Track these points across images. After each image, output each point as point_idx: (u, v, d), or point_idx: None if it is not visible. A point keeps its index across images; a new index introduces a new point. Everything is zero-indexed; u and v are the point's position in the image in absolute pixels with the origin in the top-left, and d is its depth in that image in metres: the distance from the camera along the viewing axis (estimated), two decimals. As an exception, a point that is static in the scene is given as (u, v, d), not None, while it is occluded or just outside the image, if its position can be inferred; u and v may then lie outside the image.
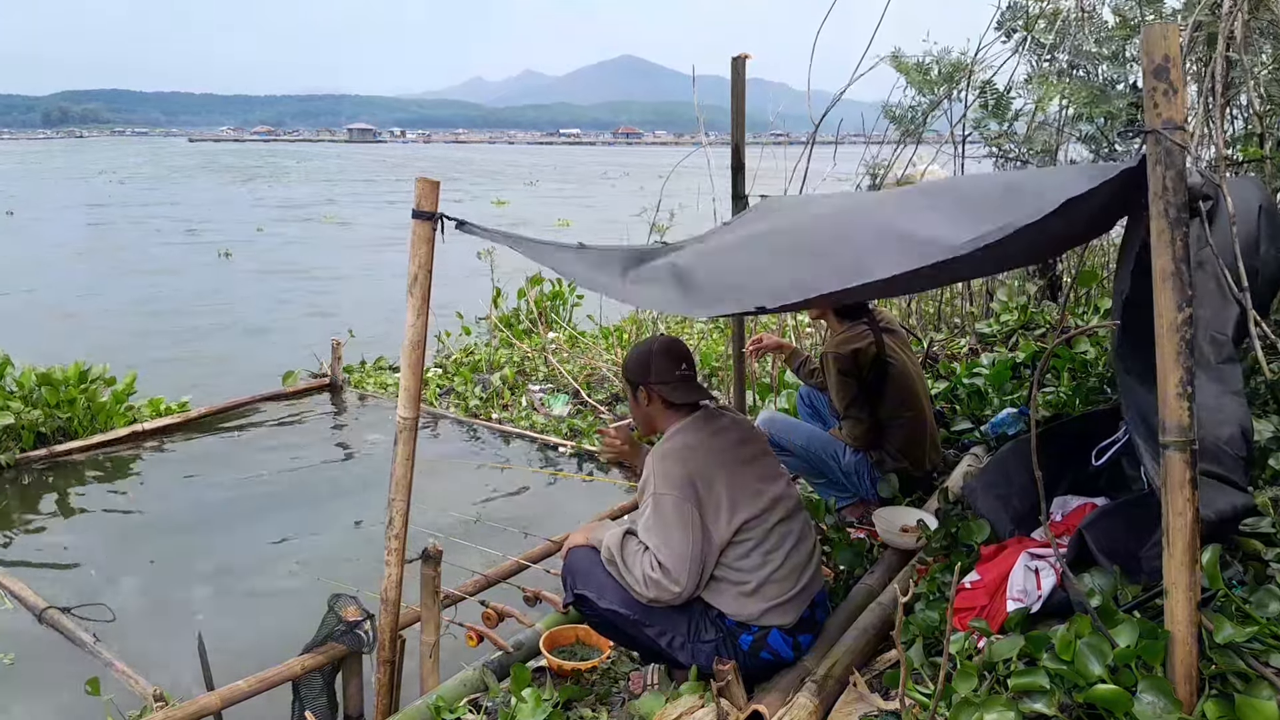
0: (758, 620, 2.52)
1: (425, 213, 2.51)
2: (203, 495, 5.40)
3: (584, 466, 5.81)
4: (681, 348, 2.74)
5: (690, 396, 2.68)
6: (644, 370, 2.70)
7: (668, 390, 2.67)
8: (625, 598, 2.52)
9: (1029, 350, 5.29)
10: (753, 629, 2.53)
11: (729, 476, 2.54)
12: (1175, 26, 1.89)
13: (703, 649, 2.53)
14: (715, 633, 2.53)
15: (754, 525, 2.52)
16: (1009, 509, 3.11)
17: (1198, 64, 4.39)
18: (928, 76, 5.80)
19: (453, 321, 8.95)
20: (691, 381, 2.70)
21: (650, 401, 2.71)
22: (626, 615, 2.53)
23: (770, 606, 2.52)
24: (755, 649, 2.54)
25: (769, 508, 2.57)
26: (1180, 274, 1.85)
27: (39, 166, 57.26)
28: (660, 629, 2.53)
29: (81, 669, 3.35)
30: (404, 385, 2.65)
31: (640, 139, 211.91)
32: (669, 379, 2.67)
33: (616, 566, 2.51)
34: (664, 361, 2.68)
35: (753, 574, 2.51)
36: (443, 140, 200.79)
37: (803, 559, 2.61)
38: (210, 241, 19.48)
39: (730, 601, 2.52)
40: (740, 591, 2.51)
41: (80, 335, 10.09)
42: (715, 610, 2.54)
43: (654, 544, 2.44)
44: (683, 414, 2.67)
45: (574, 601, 2.65)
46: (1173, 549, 1.90)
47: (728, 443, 2.63)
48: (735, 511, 2.50)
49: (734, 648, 2.53)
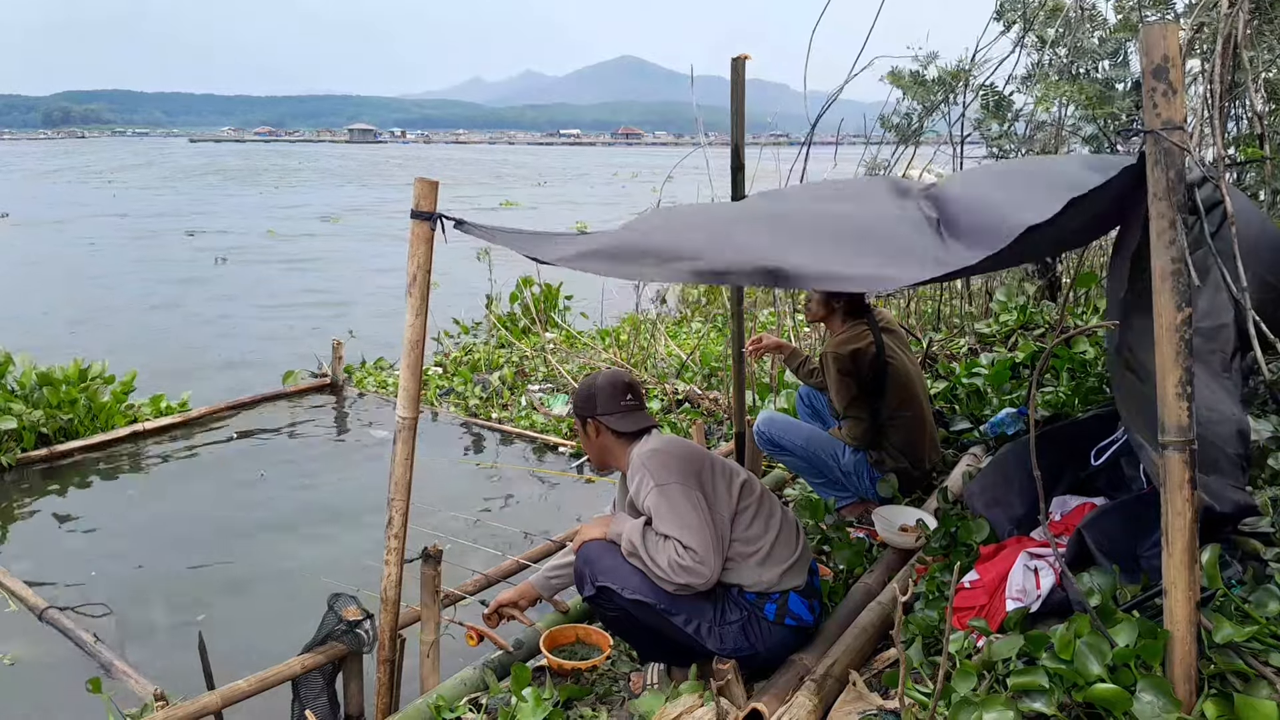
0: (777, 586, 2.61)
1: (424, 213, 2.52)
2: (203, 495, 5.40)
3: (583, 467, 5.81)
4: (627, 379, 2.83)
5: (638, 424, 2.76)
6: (590, 404, 2.79)
7: (614, 421, 2.75)
8: (650, 587, 2.54)
9: (1028, 350, 5.29)
10: (774, 596, 2.60)
11: (708, 454, 2.73)
12: (1174, 27, 1.89)
13: (730, 630, 2.57)
14: (739, 611, 2.59)
15: (748, 492, 2.67)
16: (1008, 509, 3.11)
17: (1203, 62, 4.39)
18: (924, 85, 5.81)
19: (452, 322, 8.97)
20: (638, 410, 2.79)
21: (599, 434, 2.79)
22: (652, 605, 2.55)
23: (786, 568, 2.62)
24: (780, 616, 2.61)
25: (749, 478, 2.74)
26: (1179, 274, 1.85)
27: (39, 166, 57.23)
28: (687, 616, 2.56)
29: (82, 669, 3.35)
30: (403, 385, 2.66)
31: (640, 139, 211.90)
32: (614, 409, 2.75)
33: (640, 559, 2.53)
34: (609, 394, 2.77)
35: (762, 539, 2.62)
36: (443, 141, 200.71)
37: (792, 523, 2.75)
38: (212, 242, 19.48)
39: (749, 573, 2.59)
40: (756, 560, 2.60)
41: (82, 336, 10.11)
42: (735, 587, 2.61)
43: (675, 532, 2.47)
44: (634, 441, 2.76)
45: (595, 595, 2.63)
46: (1172, 548, 1.90)
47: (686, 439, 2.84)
48: (730, 480, 2.66)
49: (759, 621, 2.59)
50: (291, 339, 10.05)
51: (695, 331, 8.35)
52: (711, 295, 9.63)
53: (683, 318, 9.30)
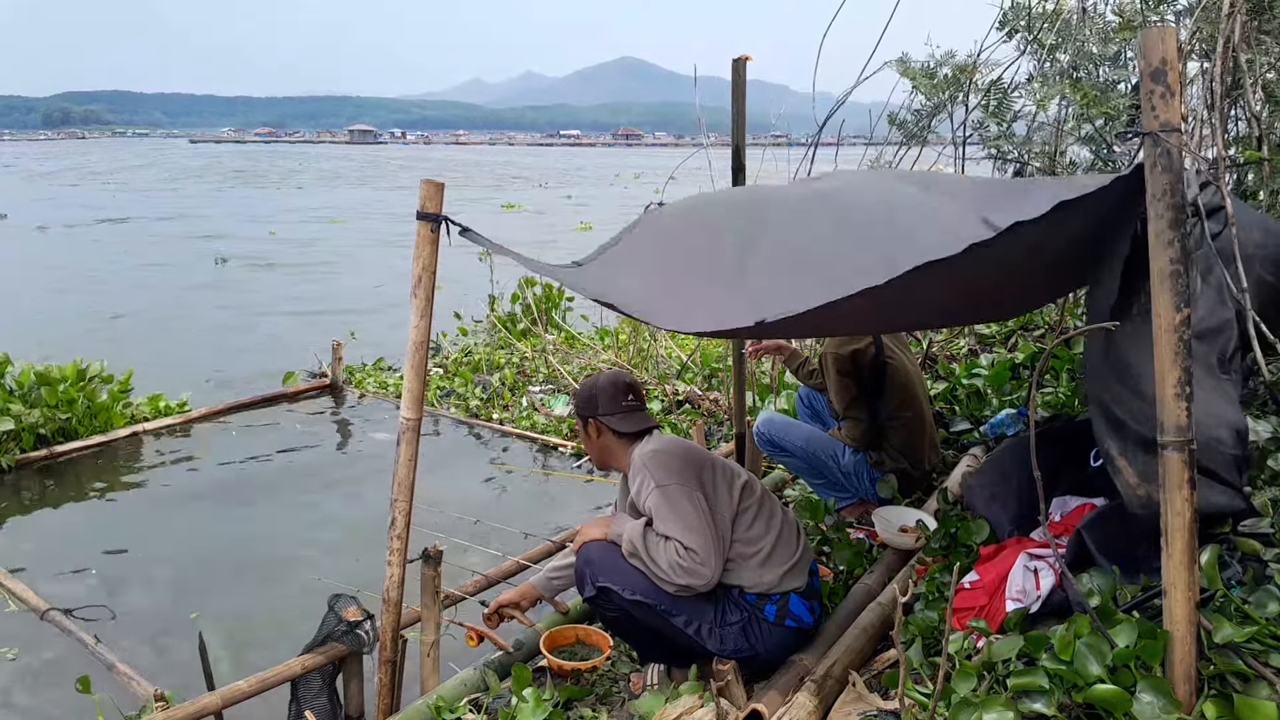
0: (778, 587, 2.60)
1: (429, 215, 2.52)
2: (203, 496, 5.41)
3: (584, 467, 5.81)
4: (628, 380, 2.84)
5: (638, 425, 2.77)
6: (591, 405, 2.80)
7: (616, 421, 2.76)
8: (651, 588, 2.54)
9: (1028, 351, 5.30)
10: (774, 597, 2.60)
11: (709, 456, 2.73)
12: (1173, 29, 1.89)
13: (730, 631, 2.57)
14: (740, 613, 2.59)
15: (749, 493, 2.67)
16: (1007, 509, 3.11)
17: (1202, 64, 4.39)
18: (934, 81, 5.79)
19: (452, 322, 8.97)
20: (639, 411, 2.80)
21: (600, 434, 2.80)
22: (653, 606, 2.55)
23: (786, 570, 2.62)
24: (780, 617, 2.60)
25: (750, 479, 2.74)
26: (1178, 275, 1.86)
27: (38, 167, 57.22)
28: (687, 617, 2.56)
29: (83, 670, 3.35)
30: (407, 386, 2.66)
31: (640, 140, 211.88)
32: (615, 410, 2.76)
33: (640, 559, 2.53)
34: (609, 394, 2.78)
35: (763, 539, 2.61)
36: (443, 141, 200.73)
37: (792, 524, 2.74)
38: (214, 243, 19.48)
39: (750, 574, 2.59)
40: (757, 561, 2.60)
41: (84, 336, 10.11)
42: (736, 589, 2.61)
43: (675, 533, 2.47)
44: (634, 441, 2.76)
45: (595, 595, 2.62)
46: (1171, 549, 1.90)
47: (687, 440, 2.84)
48: (732, 481, 2.66)
49: (760, 623, 2.59)
50: (291, 339, 10.05)
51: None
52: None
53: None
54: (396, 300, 11.26)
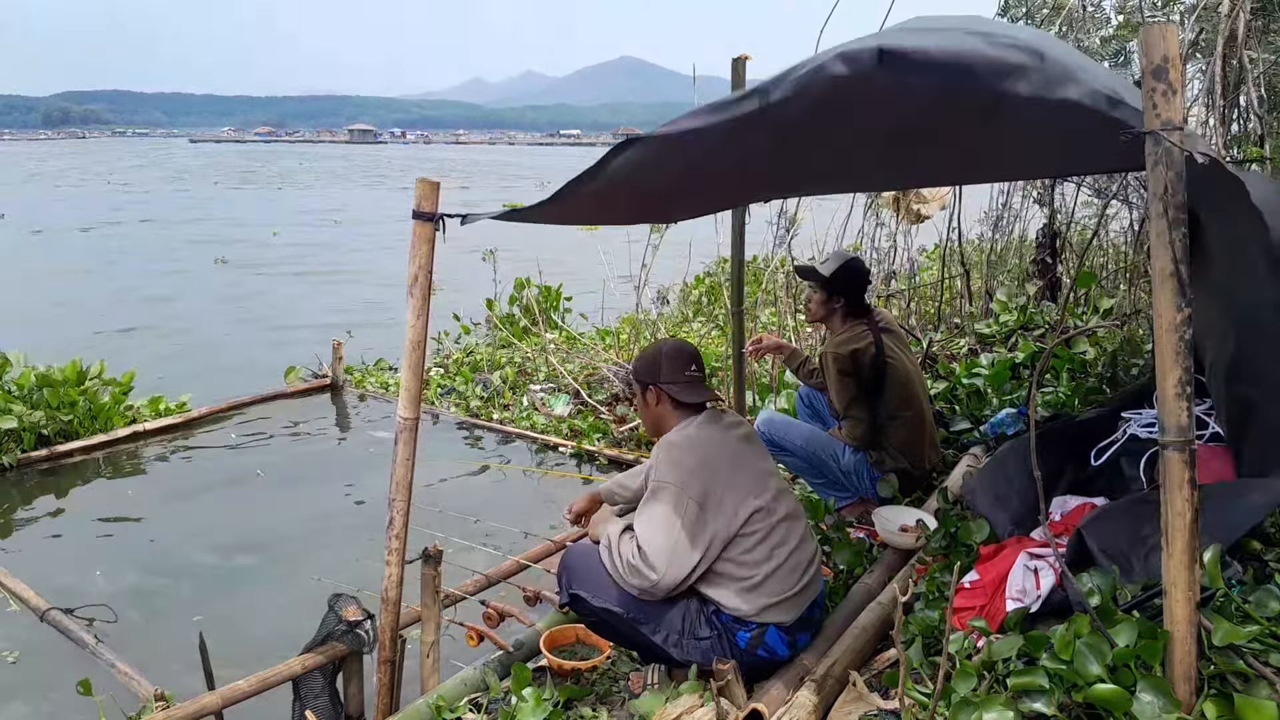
0: (756, 617, 2.53)
1: (425, 213, 2.52)
2: (203, 496, 5.41)
3: (584, 467, 5.81)
4: (691, 350, 2.78)
5: (698, 397, 2.71)
6: (654, 371, 2.74)
7: (676, 390, 2.70)
8: (619, 596, 2.53)
9: (1028, 350, 5.30)
10: (750, 625, 2.54)
11: (737, 467, 2.59)
12: (1174, 27, 1.89)
13: (697, 646, 2.54)
14: (710, 630, 2.54)
15: (762, 516, 2.55)
16: (1008, 509, 3.11)
17: (1204, 62, 4.39)
18: None
19: (452, 323, 8.97)
20: (700, 383, 2.74)
21: (659, 402, 2.74)
22: (620, 614, 2.54)
23: (771, 603, 2.53)
24: (752, 646, 2.54)
25: (775, 500, 2.61)
26: (1179, 274, 1.85)
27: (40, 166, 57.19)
28: (654, 626, 2.54)
29: (83, 670, 3.35)
30: (405, 385, 2.65)
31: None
32: (678, 379, 2.70)
33: (610, 554, 2.54)
34: (673, 363, 2.72)
35: (758, 567, 2.53)
36: (443, 141, 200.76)
37: (805, 558, 2.63)
38: (215, 244, 19.49)
39: (731, 596, 2.52)
40: (743, 586, 2.52)
41: (85, 337, 10.11)
42: (712, 605, 2.55)
43: (642, 530, 2.46)
44: (690, 413, 2.71)
45: (569, 601, 2.67)
46: (1172, 548, 1.90)
47: (734, 438, 2.68)
48: (745, 499, 2.54)
49: (730, 644, 2.54)
50: (291, 339, 10.05)
51: (695, 332, 8.35)
52: (713, 295, 9.63)
53: (683, 318, 9.29)
54: (396, 300, 11.25)
